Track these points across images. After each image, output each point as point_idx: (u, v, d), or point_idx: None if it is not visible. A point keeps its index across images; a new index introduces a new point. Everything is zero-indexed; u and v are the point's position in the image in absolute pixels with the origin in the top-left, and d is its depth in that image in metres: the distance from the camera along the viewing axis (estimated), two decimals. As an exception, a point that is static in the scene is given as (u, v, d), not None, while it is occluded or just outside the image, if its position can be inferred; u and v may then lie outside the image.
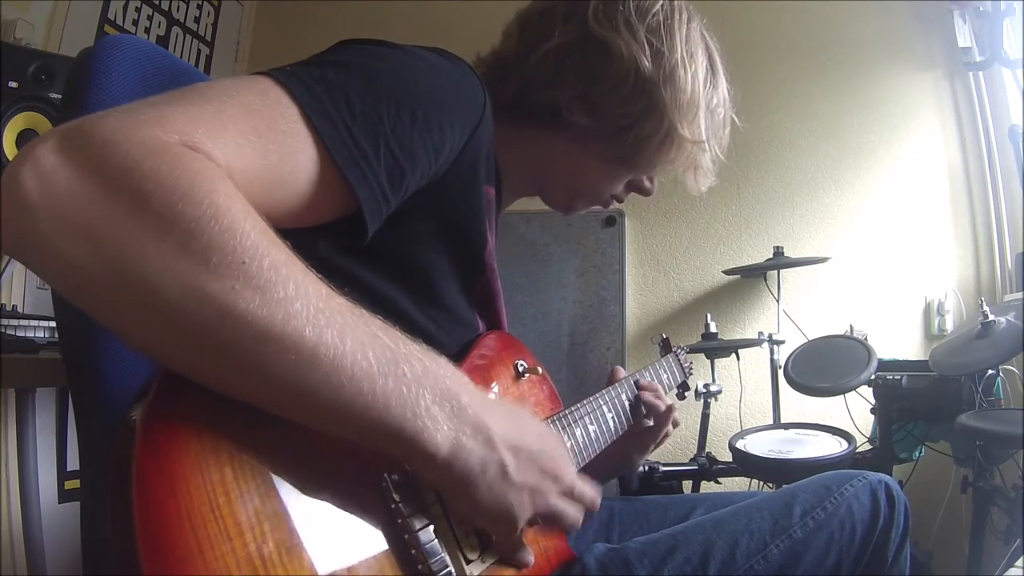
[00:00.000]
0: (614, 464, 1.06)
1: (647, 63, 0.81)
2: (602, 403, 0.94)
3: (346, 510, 0.56)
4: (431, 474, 0.56)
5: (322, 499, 0.54)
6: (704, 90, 0.87)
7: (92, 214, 0.44)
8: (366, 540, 0.56)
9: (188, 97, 0.52)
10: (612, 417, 0.94)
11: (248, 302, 0.45)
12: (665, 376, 1.14)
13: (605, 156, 0.89)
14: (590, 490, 0.68)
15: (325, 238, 0.64)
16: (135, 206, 0.44)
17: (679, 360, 1.23)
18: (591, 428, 0.88)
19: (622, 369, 1.05)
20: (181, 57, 2.49)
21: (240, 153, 0.51)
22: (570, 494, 0.66)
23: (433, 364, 0.55)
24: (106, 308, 0.46)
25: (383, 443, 0.53)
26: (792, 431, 1.88)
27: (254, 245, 0.46)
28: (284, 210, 0.55)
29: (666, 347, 1.26)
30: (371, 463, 0.59)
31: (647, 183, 0.98)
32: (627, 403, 1.00)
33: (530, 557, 0.69)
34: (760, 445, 1.77)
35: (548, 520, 0.65)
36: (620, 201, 0.99)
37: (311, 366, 0.47)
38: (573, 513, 0.66)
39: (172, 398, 0.48)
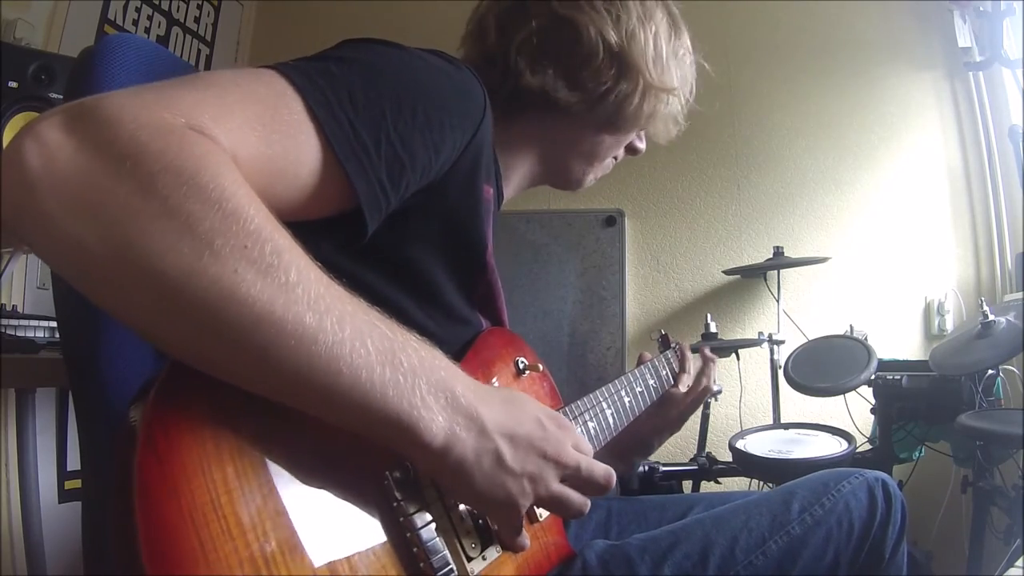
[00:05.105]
0: (635, 445, 1.12)
1: (611, 31, 0.87)
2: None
3: (348, 508, 0.56)
4: (426, 464, 0.56)
5: (324, 497, 0.54)
6: (668, 44, 0.93)
7: (96, 192, 0.43)
8: (368, 538, 0.57)
9: (194, 82, 0.52)
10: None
11: (250, 285, 0.45)
12: (664, 372, 1.15)
13: (597, 124, 0.94)
14: (601, 467, 0.66)
15: (328, 239, 0.64)
16: (140, 186, 0.44)
17: (678, 355, 1.23)
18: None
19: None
20: (181, 57, 2.49)
21: (245, 140, 0.51)
22: (576, 476, 0.65)
23: (428, 355, 0.56)
24: (106, 288, 0.46)
25: (379, 432, 0.53)
26: (792, 431, 1.87)
27: (257, 230, 0.46)
28: (285, 200, 0.55)
29: (665, 343, 1.27)
30: (373, 461, 0.59)
31: (638, 142, 1.04)
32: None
33: (527, 541, 0.68)
34: (760, 445, 1.77)
35: (552, 506, 0.65)
36: (615, 161, 1.05)
37: (311, 351, 0.48)
38: (577, 498, 0.65)
39: (173, 397, 0.48)
